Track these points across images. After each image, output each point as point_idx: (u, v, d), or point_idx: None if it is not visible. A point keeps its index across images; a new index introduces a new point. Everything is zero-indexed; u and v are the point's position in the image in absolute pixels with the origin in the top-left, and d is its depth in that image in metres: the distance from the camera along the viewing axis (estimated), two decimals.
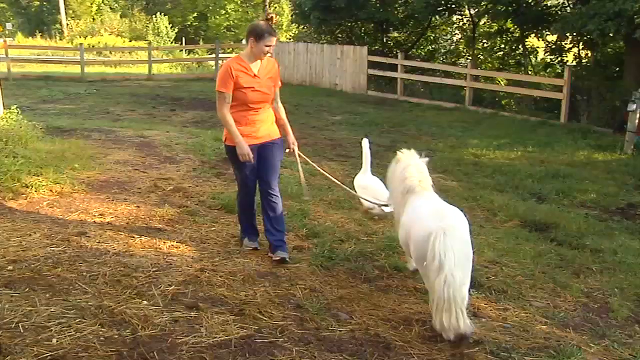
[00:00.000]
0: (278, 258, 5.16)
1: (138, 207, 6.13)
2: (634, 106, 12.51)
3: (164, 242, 5.21)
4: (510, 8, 18.54)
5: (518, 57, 22.38)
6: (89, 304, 3.85)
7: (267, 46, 5.03)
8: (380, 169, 9.61)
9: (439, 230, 4.07)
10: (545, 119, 16.34)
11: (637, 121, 12.62)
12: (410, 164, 4.99)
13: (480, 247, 6.35)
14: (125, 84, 22.32)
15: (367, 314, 4.39)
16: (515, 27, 21.23)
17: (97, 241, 5.02)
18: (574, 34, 17.20)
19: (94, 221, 5.59)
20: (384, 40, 25.11)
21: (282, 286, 4.63)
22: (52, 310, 3.72)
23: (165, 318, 3.78)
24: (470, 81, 18.53)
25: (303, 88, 22.43)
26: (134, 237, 5.25)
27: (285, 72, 23.94)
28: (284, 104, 5.59)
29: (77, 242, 4.93)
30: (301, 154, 5.63)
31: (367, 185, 6.57)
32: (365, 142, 6.58)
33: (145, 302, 3.98)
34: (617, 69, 17.98)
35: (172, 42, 42.42)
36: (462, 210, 4.56)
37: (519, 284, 5.54)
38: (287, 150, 5.47)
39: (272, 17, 5.19)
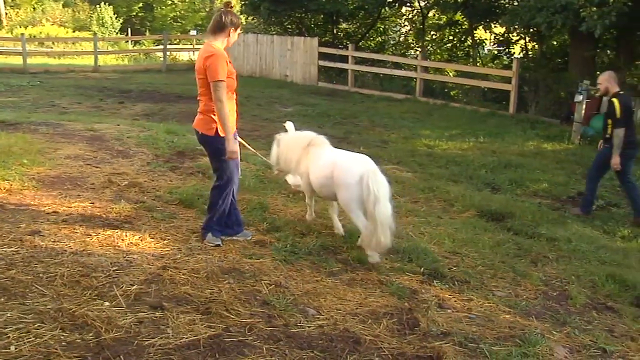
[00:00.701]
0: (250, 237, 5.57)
1: (93, 203, 5.90)
2: (581, 97, 12.83)
3: (123, 240, 5.01)
4: (459, 0, 18.74)
5: (467, 49, 22.68)
6: (48, 307, 3.66)
7: (237, 35, 5.23)
8: None
9: (369, 173, 5.28)
10: (494, 109, 16.62)
11: (583, 112, 12.95)
12: (296, 133, 6.16)
13: (440, 238, 6.40)
14: (70, 76, 21.66)
15: (334, 309, 4.33)
16: (464, 19, 21.50)
17: (52, 240, 4.79)
18: (522, 26, 17.50)
19: (48, 219, 5.33)
20: (334, 31, 25.08)
21: (247, 282, 4.52)
22: (8, 315, 3.51)
23: (129, 319, 3.63)
24: (420, 72, 18.66)
25: (253, 79, 22.20)
26: (90, 235, 5.04)
27: (235, 64, 23.37)
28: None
29: (31, 242, 4.69)
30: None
31: None
32: (289, 125, 6.66)
33: (107, 303, 3.81)
34: (562, 60, 18.41)
35: (117, 33, 41.45)
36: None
37: (480, 274, 5.59)
38: None
39: (232, 5, 5.27)
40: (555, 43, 19.48)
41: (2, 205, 5.57)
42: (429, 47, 23.99)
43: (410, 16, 25.73)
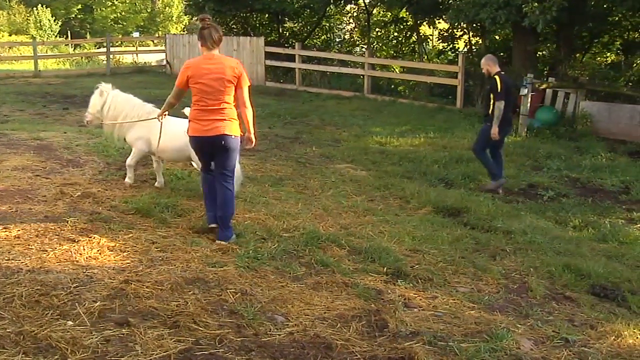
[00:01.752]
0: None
1: (46, 217, 5.68)
2: (526, 90, 13.11)
3: (81, 254, 4.84)
4: None
5: (412, 45, 22.91)
6: (8, 330, 3.49)
7: None
8: (288, 161, 9.59)
9: None
10: (441, 104, 16.84)
11: (529, 105, 13.25)
12: (123, 95, 7.16)
13: (399, 236, 6.44)
14: (10, 82, 20.86)
15: (302, 314, 4.29)
16: (409, 15, 21.69)
17: (6, 258, 4.59)
18: (466, 22, 17.77)
19: None
20: (280, 30, 24.99)
21: (212, 292, 4.43)
22: None
23: (95, 339, 3.50)
24: (367, 70, 18.75)
25: None
26: (46, 250, 4.85)
27: (181, 65, 23.32)
28: (182, 98, 5.84)
29: None
30: None
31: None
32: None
33: (70, 322, 3.66)
34: (505, 54, 18.76)
35: (56, 36, 40.32)
36: None
37: (442, 270, 5.65)
38: None
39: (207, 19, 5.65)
40: (497, 37, 19.86)
41: None
42: (374, 44, 24.15)
43: (355, 14, 25.85)
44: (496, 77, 8.83)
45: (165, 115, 6.32)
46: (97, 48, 32.41)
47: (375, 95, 18.36)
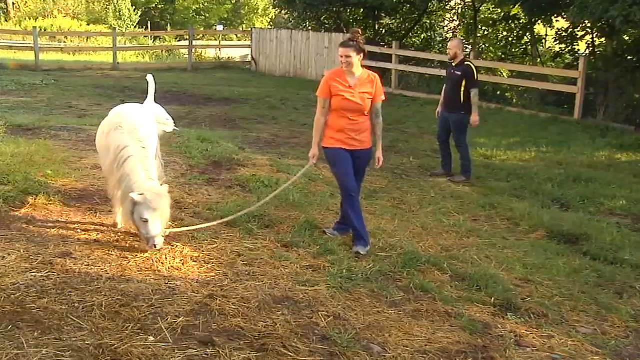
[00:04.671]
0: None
1: None
2: None
3: (162, 264, 4.98)
4: None
5: (524, 47, 22.34)
6: (87, 342, 3.62)
7: (340, 56, 6.08)
8: (383, 172, 9.52)
9: None
10: (556, 114, 16.31)
11: None
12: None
13: (509, 263, 6.28)
14: (87, 74, 21.89)
15: (401, 346, 4.25)
16: (523, 13, 21.14)
17: (85, 264, 4.78)
18: (592, 20, 17.01)
19: (78, 239, 5.33)
20: (376, 27, 24.97)
21: (303, 313, 4.45)
22: (43, 352, 3.47)
23: (178, 358, 3.58)
24: None
25: (287, 80, 22.22)
26: (127, 257, 5.01)
27: (267, 63, 23.83)
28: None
29: (62, 266, 4.67)
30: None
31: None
32: (149, 77, 7.98)
33: (151, 338, 3.76)
34: (635, 58, 17.84)
35: (135, 27, 41.85)
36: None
37: (558, 305, 5.45)
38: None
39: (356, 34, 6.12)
40: (627, 38, 18.92)
41: (27, 223, 5.59)
42: (480, 45, 23.74)
43: (460, 10, 25.53)
44: (470, 63, 9.51)
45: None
46: (178, 41, 33.41)
47: (480, 102, 17.98)
